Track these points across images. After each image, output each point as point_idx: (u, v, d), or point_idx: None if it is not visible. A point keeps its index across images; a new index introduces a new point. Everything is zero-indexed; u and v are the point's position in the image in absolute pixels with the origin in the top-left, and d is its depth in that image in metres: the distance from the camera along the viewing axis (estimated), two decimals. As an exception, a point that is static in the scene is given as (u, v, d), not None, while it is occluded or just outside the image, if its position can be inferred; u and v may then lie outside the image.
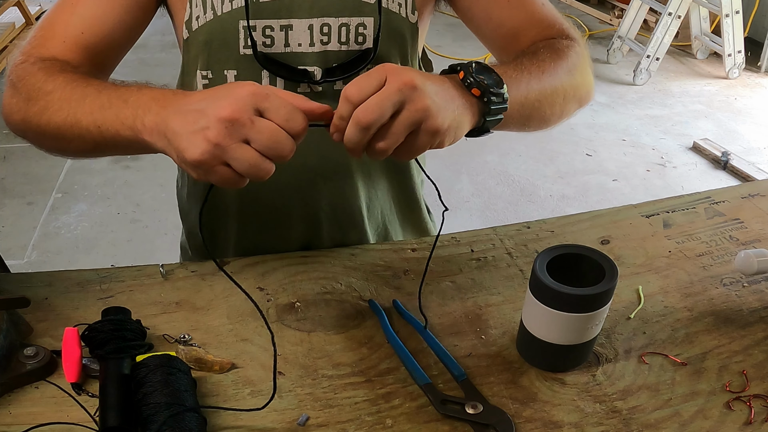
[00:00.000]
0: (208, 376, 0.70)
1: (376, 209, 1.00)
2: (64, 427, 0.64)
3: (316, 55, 0.84)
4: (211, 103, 0.60)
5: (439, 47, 4.32)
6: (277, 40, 0.83)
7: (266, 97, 0.60)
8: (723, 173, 3.12)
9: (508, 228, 0.95)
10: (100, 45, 0.82)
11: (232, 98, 0.59)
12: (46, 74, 0.75)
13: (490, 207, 2.86)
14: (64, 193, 2.83)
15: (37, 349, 0.69)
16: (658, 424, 0.66)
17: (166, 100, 0.64)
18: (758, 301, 0.83)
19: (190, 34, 0.84)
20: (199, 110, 0.60)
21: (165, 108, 0.63)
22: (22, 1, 3.86)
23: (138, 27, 0.86)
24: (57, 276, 0.83)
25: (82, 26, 0.81)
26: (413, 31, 0.87)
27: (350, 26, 0.83)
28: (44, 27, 0.82)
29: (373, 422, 0.66)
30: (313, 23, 0.83)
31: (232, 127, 0.58)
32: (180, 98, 0.64)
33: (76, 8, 0.82)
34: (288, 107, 0.60)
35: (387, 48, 0.86)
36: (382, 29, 0.83)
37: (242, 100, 0.59)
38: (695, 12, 4.18)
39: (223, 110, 0.59)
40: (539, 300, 0.68)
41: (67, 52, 0.80)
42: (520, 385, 0.71)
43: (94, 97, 0.70)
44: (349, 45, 0.84)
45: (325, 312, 0.80)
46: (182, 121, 0.61)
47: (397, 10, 0.85)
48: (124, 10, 0.82)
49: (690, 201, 1.02)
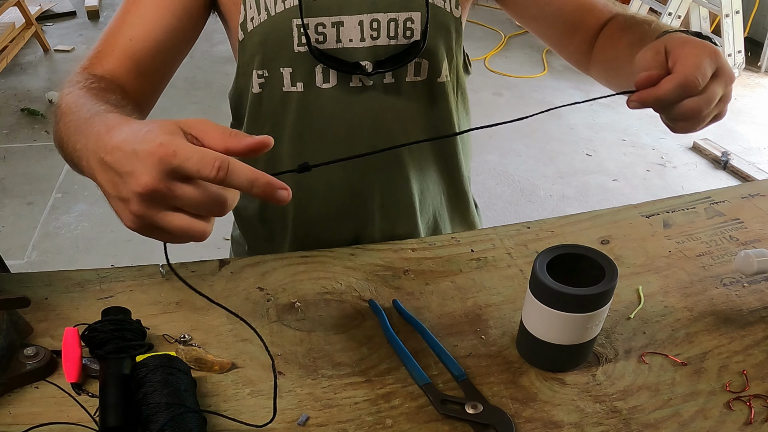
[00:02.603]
0: (208, 376, 0.70)
1: (427, 202, 1.01)
2: (64, 427, 0.63)
3: (367, 50, 0.86)
4: (126, 164, 0.52)
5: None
6: (329, 37, 0.85)
7: (174, 155, 0.50)
8: (723, 173, 3.12)
9: (508, 228, 0.95)
10: (147, 52, 0.83)
11: (141, 166, 0.51)
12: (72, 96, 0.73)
13: (490, 207, 2.86)
14: (64, 193, 2.83)
15: (37, 349, 0.69)
16: (658, 424, 0.67)
17: (98, 140, 0.57)
18: (758, 301, 0.83)
19: (245, 35, 0.86)
20: (118, 174, 0.53)
21: (94, 153, 0.56)
22: (22, 1, 3.86)
23: (188, 34, 0.87)
24: (57, 276, 0.83)
25: (130, 33, 0.83)
26: (457, 24, 0.90)
27: (399, 21, 0.86)
28: (102, 39, 0.85)
29: (373, 422, 0.66)
30: (363, 19, 0.85)
31: (151, 200, 0.51)
32: (104, 138, 0.56)
33: (126, 17, 0.85)
34: (203, 160, 0.50)
35: (434, 41, 0.88)
36: (429, 23, 0.85)
37: (153, 169, 0.50)
38: (695, 12, 4.18)
39: (137, 184, 0.51)
40: (539, 300, 0.68)
41: (117, 63, 0.82)
42: (520, 385, 0.71)
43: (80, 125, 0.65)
44: (398, 39, 0.87)
45: (325, 312, 0.80)
46: (106, 180, 0.55)
47: (441, 5, 0.87)
48: (173, 15, 0.84)
49: (690, 201, 1.02)
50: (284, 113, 0.90)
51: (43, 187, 2.84)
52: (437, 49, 0.89)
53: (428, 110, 0.93)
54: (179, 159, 0.49)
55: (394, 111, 0.91)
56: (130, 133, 0.53)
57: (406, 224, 0.99)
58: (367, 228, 0.98)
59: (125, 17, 0.84)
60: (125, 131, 0.54)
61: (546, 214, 2.78)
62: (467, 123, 1.03)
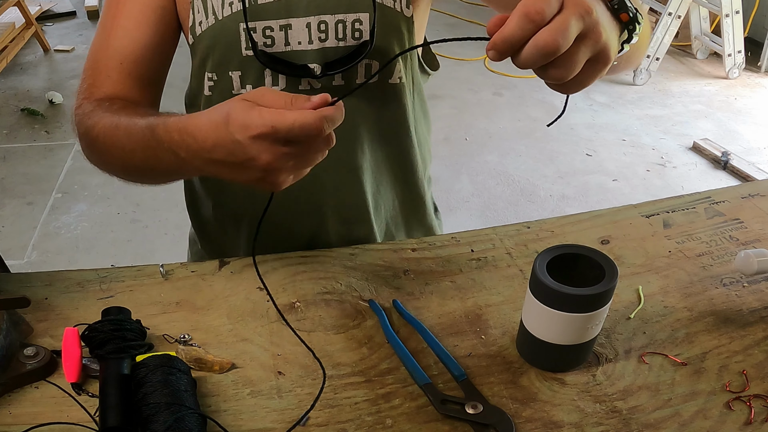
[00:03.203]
0: (208, 376, 0.70)
1: (381, 205, 1.00)
2: (64, 427, 0.64)
3: (316, 52, 0.85)
4: (240, 153, 0.62)
5: (438, 47, 4.32)
6: (278, 40, 0.84)
7: (275, 131, 0.60)
8: (723, 173, 3.12)
9: (508, 228, 0.95)
10: (141, 69, 0.87)
11: (255, 150, 0.61)
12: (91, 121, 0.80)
13: (490, 207, 2.86)
14: (64, 193, 2.83)
15: (37, 349, 0.69)
16: (658, 424, 0.67)
17: (188, 147, 0.66)
18: (758, 301, 0.83)
19: (194, 39, 0.87)
20: (237, 165, 0.64)
21: (196, 157, 0.66)
22: (22, 1, 3.86)
23: (169, 42, 0.90)
24: (57, 276, 0.83)
25: (118, 57, 0.86)
26: (409, 24, 0.88)
27: (347, 22, 0.85)
28: (89, 67, 0.88)
29: (373, 422, 0.66)
30: (311, 21, 0.84)
31: (276, 168, 0.63)
32: (196, 142, 0.65)
33: (109, 42, 0.87)
34: (303, 127, 0.61)
35: (384, 42, 0.87)
36: (377, 24, 0.84)
37: (265, 148, 0.61)
38: (695, 12, 4.18)
39: (261, 165, 0.62)
40: (539, 300, 0.68)
41: (117, 85, 0.86)
42: (520, 385, 0.71)
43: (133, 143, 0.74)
44: (347, 41, 0.86)
45: (325, 312, 0.80)
46: (227, 172, 0.65)
47: (391, 5, 0.86)
48: (153, 31, 0.87)
49: (690, 201, 1.02)
50: None
51: (43, 187, 2.84)
52: (388, 50, 0.87)
53: (381, 112, 0.92)
54: (282, 132, 0.60)
55: (346, 113, 0.90)
56: (213, 128, 0.63)
57: (361, 227, 0.98)
58: (321, 230, 0.96)
59: (108, 42, 0.86)
60: (206, 128, 0.64)
61: (546, 214, 2.79)
62: (425, 125, 1.02)
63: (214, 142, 0.63)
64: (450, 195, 2.91)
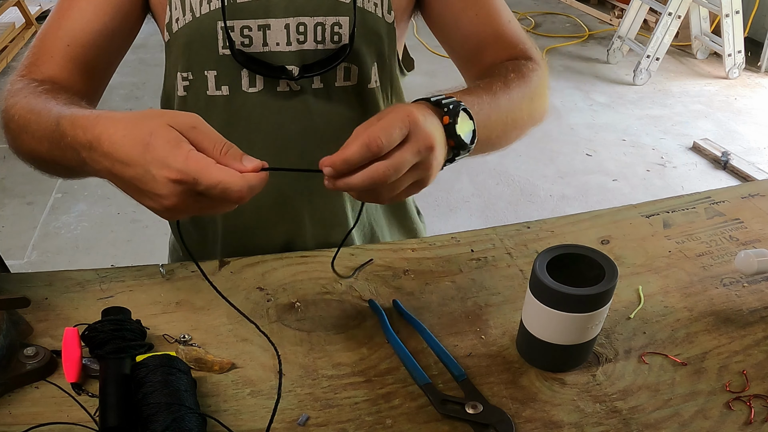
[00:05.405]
0: (208, 376, 0.70)
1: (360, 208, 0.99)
2: (64, 427, 0.63)
3: (294, 54, 0.85)
4: (149, 183, 0.58)
5: (438, 47, 4.32)
6: (255, 40, 0.84)
7: (196, 184, 0.57)
8: (723, 173, 3.12)
9: (508, 228, 0.95)
10: (87, 55, 0.84)
11: (166, 191, 0.58)
12: (13, 100, 0.76)
13: (490, 207, 2.86)
14: (64, 193, 2.83)
15: (37, 349, 0.69)
16: (658, 424, 0.67)
17: (90, 150, 0.62)
18: (758, 301, 0.83)
19: (170, 36, 0.85)
20: (141, 191, 0.60)
21: (98, 162, 0.62)
22: (22, 1, 3.86)
23: (125, 34, 0.88)
24: (57, 276, 0.83)
25: (67, 39, 0.83)
26: (390, 30, 0.88)
27: (326, 25, 0.84)
28: (35, 45, 0.85)
29: (373, 422, 0.66)
30: (290, 22, 0.84)
31: (179, 211, 0.61)
32: (102, 146, 0.60)
33: (62, 22, 0.84)
34: (225, 192, 0.58)
35: (363, 46, 0.86)
36: (357, 28, 0.84)
37: (177, 195, 0.58)
38: (695, 12, 4.18)
39: (164, 203, 0.59)
40: (539, 300, 0.68)
41: (57, 68, 0.82)
42: (520, 385, 0.71)
43: (46, 135, 0.70)
44: (325, 44, 0.85)
45: (325, 312, 0.80)
46: (129, 190, 0.62)
47: (372, 10, 0.85)
48: (110, 18, 0.84)
49: (690, 201, 1.02)
50: (209, 117, 0.86)
51: (43, 187, 2.84)
52: (366, 54, 0.87)
53: (360, 116, 0.90)
54: (202, 187, 0.57)
55: (324, 117, 0.89)
56: (128, 145, 0.58)
57: (340, 231, 0.97)
58: (298, 234, 0.96)
59: (60, 22, 0.84)
60: (120, 141, 0.59)
61: (546, 214, 2.78)
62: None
63: (124, 160, 0.58)
64: (450, 195, 2.91)
